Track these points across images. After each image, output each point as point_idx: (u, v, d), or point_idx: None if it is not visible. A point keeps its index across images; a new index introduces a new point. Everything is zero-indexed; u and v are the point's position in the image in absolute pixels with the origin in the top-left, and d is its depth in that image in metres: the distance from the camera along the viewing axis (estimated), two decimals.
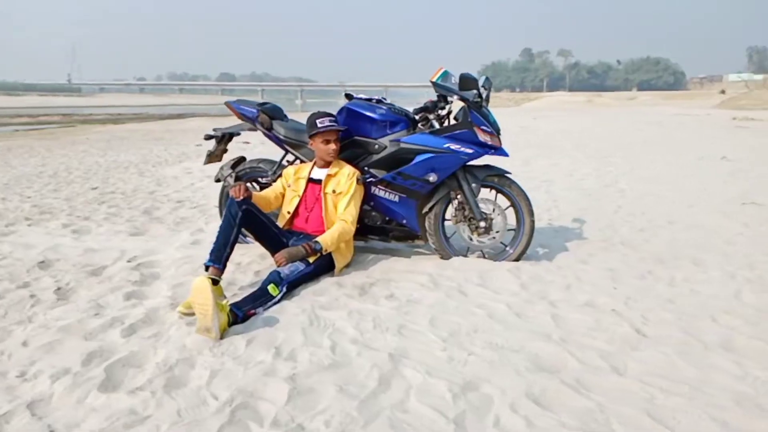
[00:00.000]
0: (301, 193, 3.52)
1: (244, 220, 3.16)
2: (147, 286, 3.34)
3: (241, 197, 3.13)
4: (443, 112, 3.46)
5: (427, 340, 2.47)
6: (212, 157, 4.12)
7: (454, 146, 3.37)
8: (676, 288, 3.18)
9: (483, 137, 3.40)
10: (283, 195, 3.59)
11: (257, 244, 3.47)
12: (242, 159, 4.08)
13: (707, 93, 75.44)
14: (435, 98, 3.49)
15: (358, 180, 3.47)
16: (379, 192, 3.58)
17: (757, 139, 13.85)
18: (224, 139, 4.08)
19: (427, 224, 3.62)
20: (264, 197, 3.47)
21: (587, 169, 8.38)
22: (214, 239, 3.46)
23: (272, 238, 3.36)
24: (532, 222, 3.58)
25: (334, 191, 3.45)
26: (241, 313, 2.67)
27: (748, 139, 13.69)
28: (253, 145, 11.96)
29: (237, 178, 3.99)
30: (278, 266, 3.10)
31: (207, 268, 3.03)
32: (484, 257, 3.65)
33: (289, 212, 3.53)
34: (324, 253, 3.25)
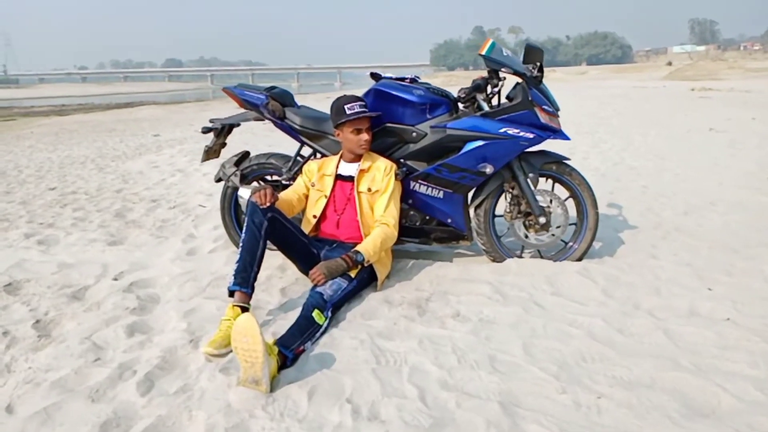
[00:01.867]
0: (328, 193, 2.95)
1: (270, 229, 2.58)
2: (149, 314, 2.74)
3: (268, 204, 2.55)
4: (496, 89, 2.93)
5: (533, 377, 1.97)
6: (210, 152, 3.49)
7: (512, 130, 2.85)
8: None
9: (544, 118, 2.89)
10: (306, 196, 3.02)
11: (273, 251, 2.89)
12: (247, 154, 3.47)
13: (654, 65, 77.17)
14: (485, 74, 2.96)
15: (396, 175, 2.92)
16: (420, 188, 3.05)
17: (726, 109, 13.84)
18: (224, 131, 3.46)
19: (475, 222, 3.11)
20: (287, 200, 2.88)
21: (583, 146, 8.01)
22: (211, 248, 2.85)
23: (301, 249, 2.79)
24: (597, 215, 3.11)
25: (369, 189, 2.90)
26: (290, 354, 2.11)
27: (718, 110, 13.66)
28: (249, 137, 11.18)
29: (242, 177, 3.38)
30: (315, 284, 2.55)
31: (232, 294, 2.45)
32: (541, 257, 3.18)
33: (315, 216, 2.96)
34: (366, 265, 2.70)
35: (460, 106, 3.04)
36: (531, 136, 2.86)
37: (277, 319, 2.55)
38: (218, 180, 3.45)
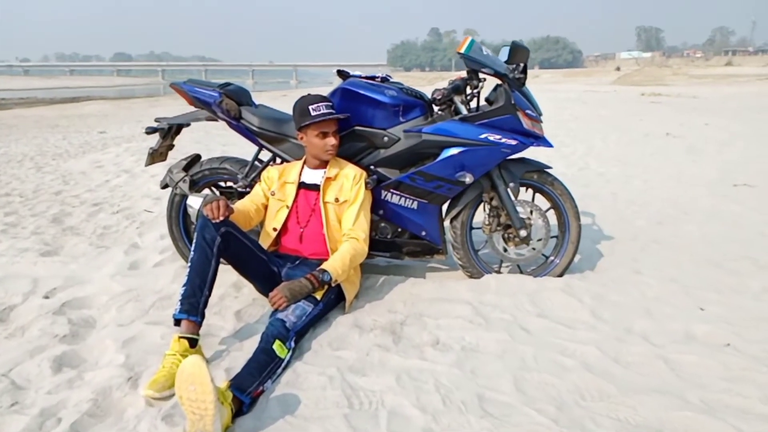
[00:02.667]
0: (290, 203, 2.64)
1: (223, 246, 2.26)
2: (82, 342, 2.39)
3: (221, 217, 2.22)
4: (476, 91, 2.68)
5: (530, 421, 1.72)
6: (155, 155, 3.12)
7: (493, 136, 2.61)
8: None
9: (527, 124, 2.67)
10: (265, 206, 2.70)
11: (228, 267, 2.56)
12: (197, 158, 3.12)
13: (603, 70, 79.29)
14: (464, 75, 2.70)
15: (366, 184, 2.64)
16: (392, 198, 2.77)
17: (678, 114, 14.13)
18: (171, 132, 3.09)
19: (451, 235, 2.86)
20: (243, 212, 2.56)
21: (546, 150, 7.92)
22: (157, 260, 2.48)
23: (260, 267, 2.48)
24: (579, 227, 2.91)
25: (336, 200, 2.61)
26: (247, 399, 1.80)
27: (670, 115, 13.94)
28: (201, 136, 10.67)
29: (192, 183, 3.03)
30: (275, 308, 2.24)
31: (178, 322, 2.11)
32: (520, 272, 2.95)
33: (275, 229, 2.65)
34: (333, 285, 2.41)
35: (436, 109, 2.79)
36: (513, 143, 2.63)
37: (231, 350, 2.22)
38: (164, 186, 3.09)
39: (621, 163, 6.76)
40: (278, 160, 2.96)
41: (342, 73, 2.86)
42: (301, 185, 2.67)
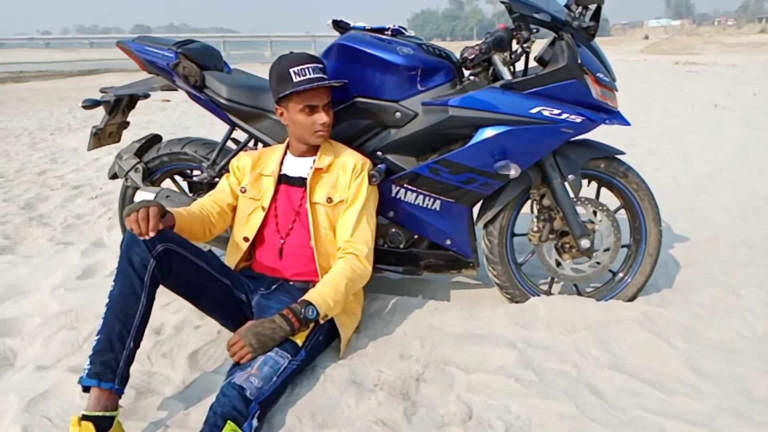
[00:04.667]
0: (267, 204, 1.92)
1: (161, 272, 1.56)
2: None
3: (151, 233, 1.51)
4: (527, 47, 1.90)
5: None
6: (102, 136, 2.42)
7: (549, 111, 1.85)
8: None
9: (597, 92, 1.90)
10: (233, 207, 1.99)
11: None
12: (156, 140, 2.42)
13: (631, 39, 76.44)
14: (509, 26, 1.92)
15: (371, 177, 1.91)
16: (406, 195, 2.04)
17: (720, 83, 13.03)
18: (120, 105, 2.38)
19: (486, 244, 2.13)
20: (198, 217, 1.84)
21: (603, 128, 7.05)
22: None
23: (219, 295, 1.78)
24: (660, 234, 2.15)
25: (329, 199, 1.89)
26: None
27: (712, 84, 12.86)
28: (180, 110, 10.03)
29: (147, 173, 2.33)
30: (236, 360, 1.55)
31: (86, 389, 1.43)
32: (578, 293, 2.21)
33: (246, 239, 1.94)
34: (323, 322, 1.71)
35: (467, 73, 2.03)
36: (578, 119, 1.87)
37: (170, 425, 1.54)
38: (113, 176, 2.40)
39: (673, 139, 5.89)
40: (258, 144, 2.24)
41: (339, 25, 2.10)
42: (282, 179, 1.95)
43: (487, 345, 1.85)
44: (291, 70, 1.81)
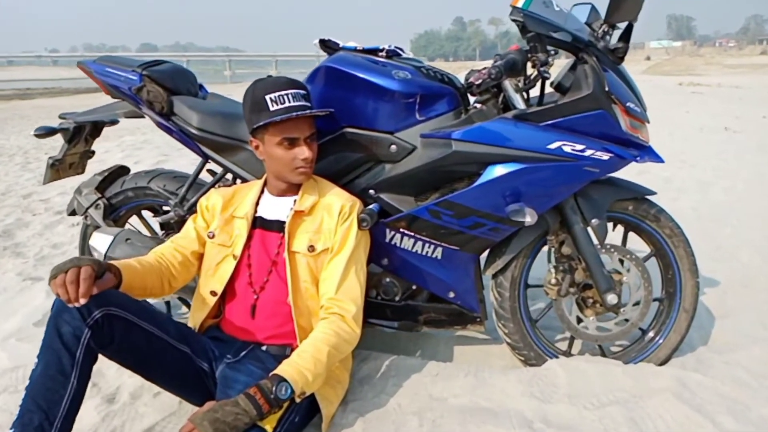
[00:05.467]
0: (239, 252, 1.63)
1: (99, 343, 1.28)
2: None
3: (81, 300, 1.22)
4: (545, 71, 1.62)
5: None
6: (61, 168, 2.15)
7: (571, 146, 1.57)
8: None
9: (627, 125, 1.62)
10: (199, 256, 1.70)
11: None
12: (122, 172, 2.15)
13: (633, 59, 76.64)
14: (523, 47, 1.65)
15: (361, 221, 1.63)
16: (402, 241, 1.76)
17: (727, 105, 12.81)
18: (82, 133, 2.11)
19: (495, 298, 1.84)
20: (152, 269, 1.55)
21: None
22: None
23: (174, 366, 1.49)
24: (697, 287, 1.86)
25: (311, 247, 1.60)
26: None
27: (718, 106, 12.63)
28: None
29: (108, 210, 2.05)
30: None
31: None
32: (602, 354, 1.91)
33: (214, 294, 1.64)
34: (300, 400, 1.40)
35: (473, 100, 1.76)
36: (606, 157, 1.59)
37: None
38: (72, 213, 2.12)
39: (685, 165, 5.61)
40: (237, 180, 1.96)
41: (327, 45, 1.83)
42: (258, 222, 1.67)
43: (497, 424, 1.55)
44: (267, 97, 1.54)
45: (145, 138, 8.20)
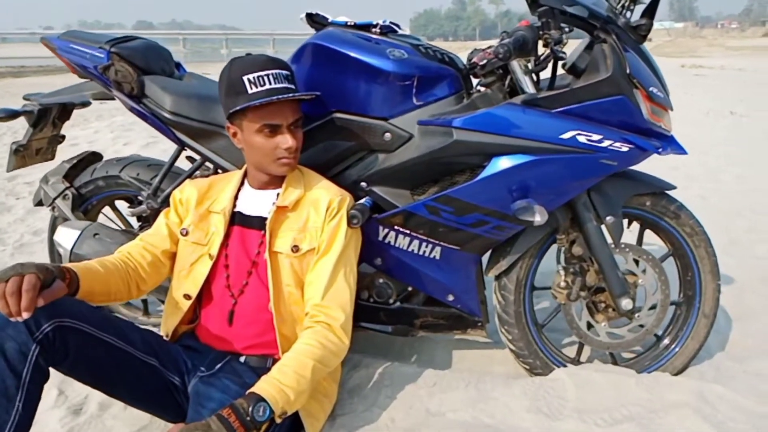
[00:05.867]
0: (216, 251, 1.47)
1: (51, 359, 1.12)
2: None
3: (24, 314, 1.05)
4: (560, 50, 1.44)
5: None
6: (27, 154, 1.97)
7: (586, 136, 1.40)
8: None
9: (648, 111, 1.45)
10: (171, 255, 1.53)
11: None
12: (93, 158, 1.97)
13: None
14: (533, 23, 1.46)
15: (351, 218, 1.46)
16: (397, 239, 1.59)
17: (730, 88, 12.58)
18: (48, 116, 1.93)
19: (498, 301, 1.68)
20: (117, 271, 1.38)
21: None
22: None
23: (141, 381, 1.33)
24: (718, 290, 1.70)
25: (296, 248, 1.43)
26: None
27: (723, 89, 12.40)
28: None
29: (78, 200, 1.88)
30: None
31: None
32: (614, 362, 1.76)
33: (187, 297, 1.48)
34: (280, 421, 1.25)
35: (475, 83, 1.58)
36: (625, 148, 1.41)
37: None
38: (38, 203, 1.95)
39: (694, 152, 5.40)
40: (208, 169, 1.79)
41: (314, 19, 1.65)
42: (236, 218, 1.50)
43: None
44: (245, 78, 1.36)
45: (136, 118, 7.97)
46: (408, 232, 1.57)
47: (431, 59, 1.55)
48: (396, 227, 1.57)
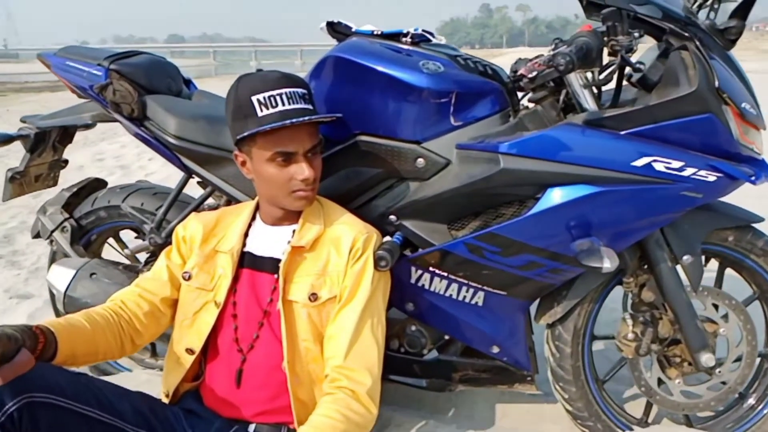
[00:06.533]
0: (223, 298, 1.26)
1: None
2: None
3: None
4: (629, 57, 1.20)
5: None
6: (24, 181, 1.80)
7: (664, 164, 1.16)
8: None
9: (741, 133, 1.20)
10: (173, 303, 1.32)
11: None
12: (96, 185, 1.80)
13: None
14: (600, 28, 1.23)
15: (378, 260, 1.23)
16: (432, 282, 1.36)
17: None
18: (48, 140, 1.76)
19: (551, 353, 1.44)
20: (107, 326, 1.18)
21: None
22: None
23: None
24: None
25: (314, 296, 1.22)
26: None
27: (760, 96, 11.89)
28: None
29: (78, 233, 1.70)
30: None
31: None
32: (688, 422, 1.50)
33: (190, 352, 1.27)
34: None
35: (524, 98, 1.35)
36: (712, 178, 1.17)
37: None
38: (36, 236, 1.78)
39: None
40: (217, 200, 1.59)
41: (336, 29, 1.44)
42: (246, 260, 1.29)
43: None
44: (254, 99, 1.16)
45: None
46: (445, 274, 1.34)
47: (471, 72, 1.32)
48: (431, 268, 1.34)
